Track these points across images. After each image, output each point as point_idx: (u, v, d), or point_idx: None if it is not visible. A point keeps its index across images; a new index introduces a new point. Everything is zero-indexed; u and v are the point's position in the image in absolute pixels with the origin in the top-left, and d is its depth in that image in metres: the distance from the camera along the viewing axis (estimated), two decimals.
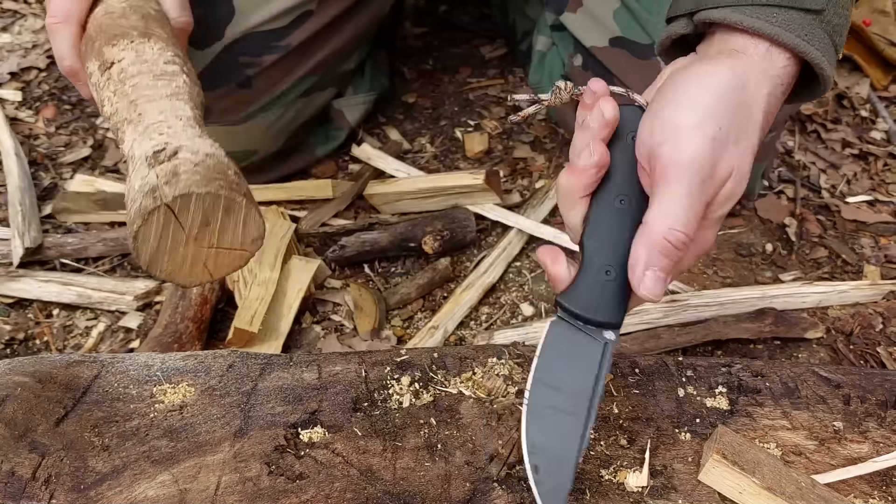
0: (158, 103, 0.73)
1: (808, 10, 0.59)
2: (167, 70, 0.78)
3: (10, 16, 1.68)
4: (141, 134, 0.70)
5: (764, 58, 0.60)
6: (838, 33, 0.61)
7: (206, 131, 0.72)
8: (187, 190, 0.62)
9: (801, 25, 0.59)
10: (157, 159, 0.65)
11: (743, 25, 0.59)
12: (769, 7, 0.59)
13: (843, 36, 0.62)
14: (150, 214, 0.62)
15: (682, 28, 0.65)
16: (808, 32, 0.59)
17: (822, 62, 0.60)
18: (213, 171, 0.65)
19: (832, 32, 0.61)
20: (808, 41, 0.59)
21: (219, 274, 0.70)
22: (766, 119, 0.61)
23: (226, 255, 0.68)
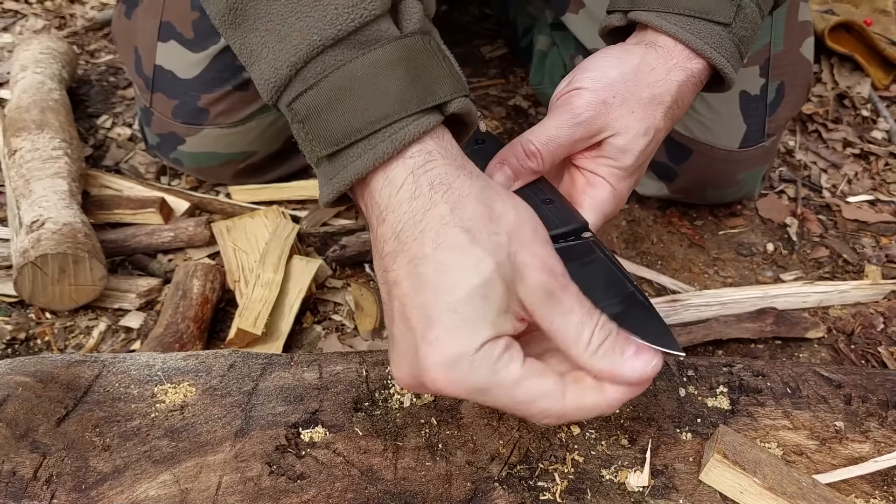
0: (43, 182, 1.06)
1: (718, 23, 0.71)
2: (53, 155, 1.12)
3: (11, 16, 1.69)
4: (28, 207, 1.01)
5: (684, 56, 0.71)
6: (744, 43, 0.73)
7: (78, 206, 1.05)
8: (44, 252, 0.94)
9: (711, 34, 0.70)
10: (31, 228, 0.98)
11: (663, 30, 0.71)
12: (688, 17, 0.71)
13: (749, 45, 0.74)
14: (22, 268, 0.95)
15: (618, 21, 0.76)
16: (716, 41, 0.71)
17: (725, 66, 0.71)
18: (65, 237, 0.96)
19: (738, 42, 0.72)
20: (715, 48, 0.71)
21: (82, 301, 1.01)
22: (675, 101, 0.72)
23: (83, 289, 1.00)
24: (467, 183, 0.55)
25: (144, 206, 1.13)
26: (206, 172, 1.21)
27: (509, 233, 0.54)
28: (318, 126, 0.57)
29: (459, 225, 0.53)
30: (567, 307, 0.54)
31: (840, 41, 1.62)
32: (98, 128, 1.37)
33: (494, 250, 0.53)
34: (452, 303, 0.52)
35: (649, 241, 1.19)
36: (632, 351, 0.54)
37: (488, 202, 0.55)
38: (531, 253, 0.54)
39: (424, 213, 0.54)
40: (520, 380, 0.53)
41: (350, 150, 0.56)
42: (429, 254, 0.53)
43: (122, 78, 1.51)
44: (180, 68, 1.09)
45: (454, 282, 0.52)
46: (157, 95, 1.12)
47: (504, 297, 0.53)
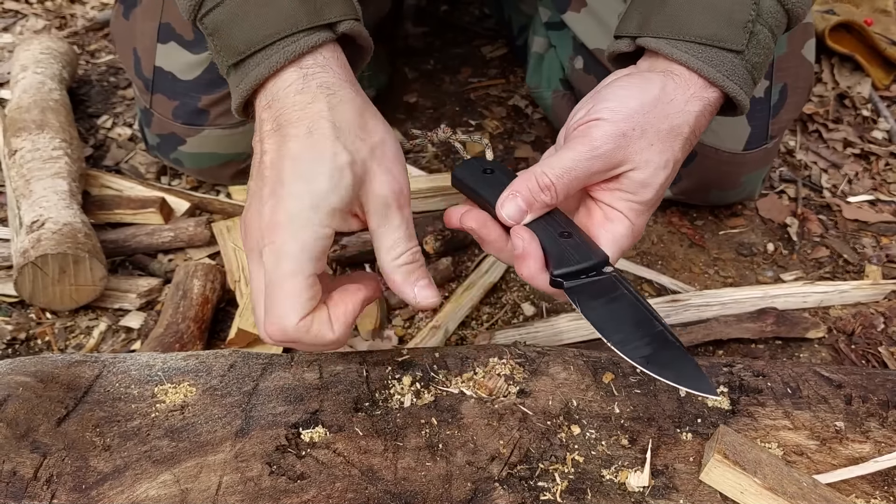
0: (43, 182, 1.06)
1: (730, 50, 0.69)
2: (53, 155, 1.12)
3: (11, 16, 1.69)
4: (29, 207, 1.02)
5: (700, 85, 0.69)
6: (757, 69, 0.71)
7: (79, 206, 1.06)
8: (44, 252, 0.94)
9: (724, 63, 0.69)
10: (31, 228, 0.98)
11: (674, 58, 0.69)
12: (699, 45, 0.69)
13: (762, 70, 0.73)
14: (23, 268, 0.95)
15: (626, 47, 0.74)
16: (729, 69, 0.69)
17: (738, 94, 0.70)
18: (65, 237, 0.97)
19: (751, 69, 0.71)
20: (729, 76, 0.69)
21: (82, 301, 1.01)
22: (693, 132, 0.70)
23: (83, 289, 1.00)
24: (350, 94, 0.65)
25: (145, 206, 1.13)
26: (206, 173, 1.21)
27: (373, 144, 0.65)
28: (224, 38, 0.67)
29: (332, 121, 0.63)
30: (395, 223, 0.65)
31: (840, 41, 1.61)
32: (98, 128, 1.37)
33: (354, 150, 0.63)
34: (305, 174, 0.62)
35: (649, 241, 1.20)
36: (424, 283, 0.66)
37: (364, 115, 0.65)
38: (386, 168, 0.64)
39: (305, 105, 0.63)
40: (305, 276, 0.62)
41: (250, 59, 0.66)
42: (301, 135, 0.62)
43: (123, 78, 1.51)
44: (180, 69, 1.09)
45: (312, 159, 0.62)
46: (157, 96, 1.12)
47: (349, 189, 0.62)
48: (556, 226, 0.68)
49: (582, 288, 0.65)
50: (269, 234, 0.62)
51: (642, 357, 0.61)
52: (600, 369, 0.74)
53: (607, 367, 0.74)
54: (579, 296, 0.65)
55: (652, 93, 0.68)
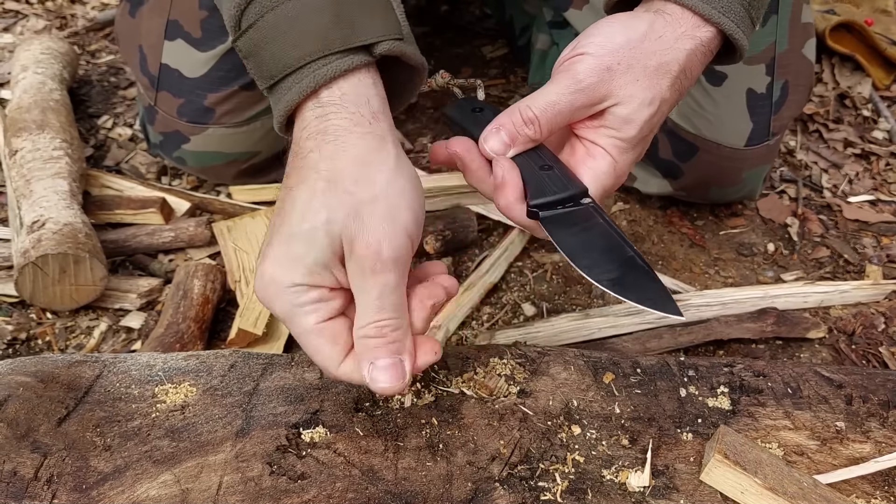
0: (44, 182, 1.07)
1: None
2: (54, 155, 1.12)
3: (12, 16, 1.69)
4: (29, 207, 1.02)
5: (693, 24, 0.67)
6: (755, 8, 0.69)
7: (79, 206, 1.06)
8: (44, 252, 0.94)
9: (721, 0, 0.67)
10: (32, 228, 0.99)
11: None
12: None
13: (761, 11, 0.71)
14: (23, 268, 0.95)
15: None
16: (724, 5, 0.67)
17: (735, 32, 0.67)
18: (66, 237, 0.97)
19: (749, 7, 0.68)
20: (724, 13, 0.67)
21: (83, 301, 1.01)
22: (683, 72, 0.68)
23: (84, 289, 1.00)
24: (355, 140, 0.60)
25: (145, 206, 1.13)
26: (209, 172, 1.21)
27: (363, 199, 0.58)
28: (258, 62, 0.64)
29: (323, 174, 0.59)
30: (366, 289, 0.59)
31: (841, 41, 1.61)
32: (99, 128, 1.37)
33: (337, 207, 0.58)
34: (285, 234, 0.59)
35: (650, 241, 1.19)
36: (384, 363, 0.60)
37: (365, 166, 0.59)
38: (369, 227, 0.58)
39: (308, 153, 0.60)
40: (308, 332, 0.60)
41: (283, 83, 0.62)
42: (293, 187, 0.60)
43: (123, 78, 1.51)
44: (187, 67, 1.09)
45: (295, 217, 0.59)
46: (161, 94, 1.12)
47: (326, 250, 0.58)
48: (538, 159, 0.67)
49: (557, 218, 0.64)
50: (259, 292, 0.61)
51: (608, 280, 0.61)
52: (601, 369, 0.74)
53: (608, 368, 0.74)
54: (553, 225, 0.64)
55: (639, 29, 0.67)
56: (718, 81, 1.05)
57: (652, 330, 1.02)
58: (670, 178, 1.16)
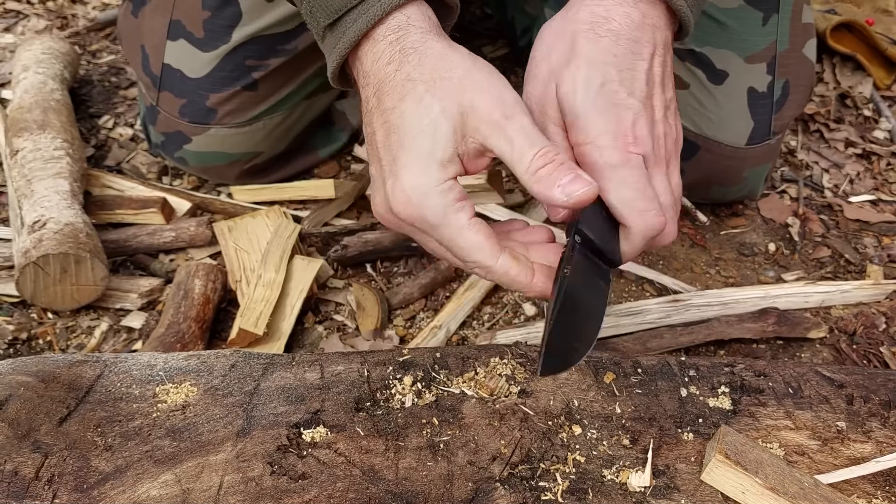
0: (45, 182, 1.06)
1: None
2: (55, 155, 1.12)
3: (13, 16, 1.69)
4: (30, 207, 1.02)
5: None
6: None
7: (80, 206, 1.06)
8: (45, 252, 0.94)
9: None
10: (33, 228, 0.98)
11: None
12: None
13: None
14: (24, 268, 0.95)
15: None
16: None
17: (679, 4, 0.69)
18: (67, 237, 0.97)
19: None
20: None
21: (84, 301, 1.01)
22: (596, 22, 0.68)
23: (85, 289, 1.00)
24: (432, 44, 0.65)
25: (146, 206, 1.13)
26: (210, 172, 1.21)
27: (460, 77, 0.63)
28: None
29: (420, 78, 0.63)
30: (509, 135, 0.62)
31: (842, 41, 1.61)
32: (100, 128, 1.37)
33: (442, 96, 0.62)
34: (406, 141, 0.63)
35: None
36: (568, 178, 0.61)
37: (447, 57, 0.64)
38: (481, 89, 0.63)
39: (395, 72, 0.64)
40: (466, 228, 0.63)
41: (347, 17, 0.66)
42: (395, 105, 0.64)
43: (124, 78, 1.51)
44: (189, 67, 1.09)
45: (410, 124, 0.63)
46: (163, 94, 1.12)
47: (450, 135, 0.62)
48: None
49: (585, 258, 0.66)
50: (403, 211, 0.64)
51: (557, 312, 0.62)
52: (601, 369, 0.74)
53: (608, 367, 0.74)
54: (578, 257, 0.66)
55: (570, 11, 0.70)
56: (720, 80, 1.05)
57: (653, 330, 1.02)
58: None
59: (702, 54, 1.05)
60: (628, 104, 0.66)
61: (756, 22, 1.04)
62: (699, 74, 1.06)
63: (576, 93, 0.66)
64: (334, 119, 1.30)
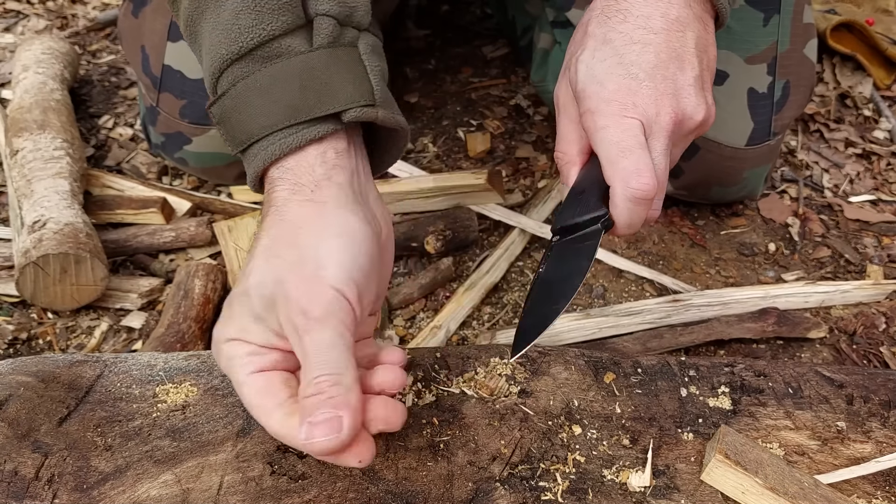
0: (45, 182, 1.07)
1: None
2: (55, 155, 1.12)
3: (13, 16, 1.69)
4: (30, 207, 1.02)
5: None
6: None
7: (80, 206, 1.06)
8: (45, 252, 0.94)
9: None
10: (33, 228, 0.98)
11: None
12: None
13: None
14: (24, 268, 0.95)
15: None
16: None
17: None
18: (67, 237, 0.97)
19: None
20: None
21: (84, 301, 1.01)
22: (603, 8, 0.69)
23: (85, 289, 1.00)
24: (293, 208, 0.62)
25: (146, 206, 1.13)
26: (210, 173, 1.21)
27: (290, 262, 0.59)
28: (229, 128, 0.66)
29: (263, 241, 0.61)
30: (304, 350, 0.56)
31: (842, 41, 1.61)
32: (100, 128, 1.37)
33: (266, 271, 0.59)
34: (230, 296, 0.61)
35: (650, 241, 1.19)
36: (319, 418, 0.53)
37: (297, 231, 0.60)
38: (292, 290, 0.57)
39: (263, 221, 0.63)
40: (241, 384, 0.58)
41: (250, 150, 0.65)
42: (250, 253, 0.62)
43: (124, 78, 1.51)
44: (189, 68, 1.09)
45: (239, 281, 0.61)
46: (164, 95, 1.12)
47: (256, 308, 0.59)
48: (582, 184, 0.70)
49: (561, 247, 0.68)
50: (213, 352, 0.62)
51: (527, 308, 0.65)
52: (601, 369, 0.74)
53: (608, 367, 0.74)
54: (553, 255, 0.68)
55: None
56: (720, 81, 1.05)
57: (652, 330, 1.02)
58: (671, 177, 1.16)
59: None
60: (630, 73, 0.64)
61: (757, 22, 1.04)
62: None
63: (578, 71, 0.67)
64: None
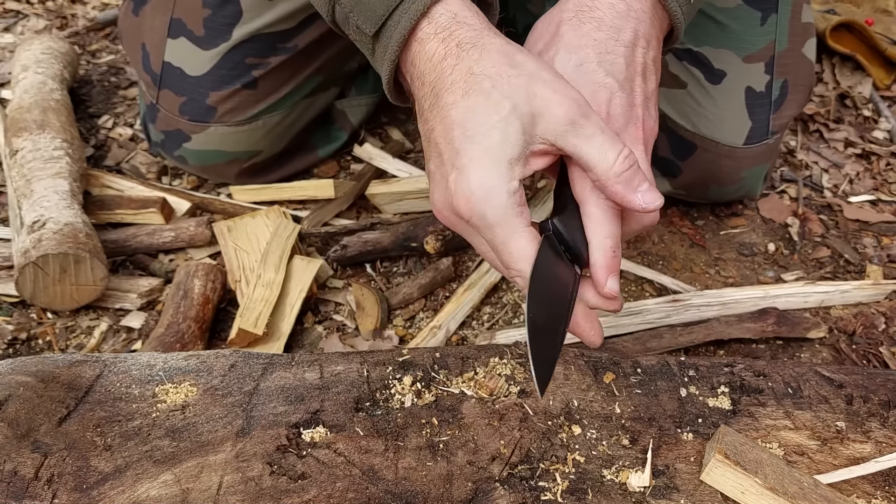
0: (44, 182, 1.06)
1: None
2: (54, 155, 1.12)
3: (12, 16, 1.69)
4: (30, 207, 1.02)
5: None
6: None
7: (80, 206, 1.06)
8: (45, 252, 0.94)
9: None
10: (33, 228, 0.98)
11: None
12: None
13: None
14: (24, 268, 0.95)
15: None
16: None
17: None
18: (66, 237, 0.97)
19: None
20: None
21: (84, 301, 1.01)
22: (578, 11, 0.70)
23: (84, 289, 0.99)
24: (490, 40, 0.63)
25: (146, 206, 1.13)
26: (209, 171, 1.21)
27: (529, 76, 0.61)
28: (362, 9, 0.66)
29: (484, 73, 0.61)
30: (589, 134, 0.60)
31: (841, 41, 1.61)
32: (99, 128, 1.37)
33: (512, 93, 0.60)
34: (475, 136, 0.60)
35: (650, 241, 1.19)
36: (645, 186, 0.61)
37: (509, 54, 0.62)
38: (552, 89, 0.61)
39: (453, 68, 0.62)
40: (521, 234, 0.61)
41: (390, 21, 0.65)
42: (458, 100, 0.61)
43: (124, 78, 1.51)
44: (189, 65, 1.09)
45: (478, 120, 0.60)
46: (164, 92, 1.12)
47: (520, 134, 0.60)
48: None
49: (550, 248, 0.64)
50: (464, 206, 0.62)
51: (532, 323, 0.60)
52: (601, 369, 0.74)
53: (608, 368, 0.74)
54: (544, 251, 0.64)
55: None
56: (717, 80, 1.05)
57: (652, 330, 1.02)
58: (669, 176, 1.16)
59: (699, 54, 1.05)
60: (605, 83, 0.66)
61: (754, 21, 1.04)
62: (697, 74, 1.06)
63: None
64: (334, 118, 1.30)
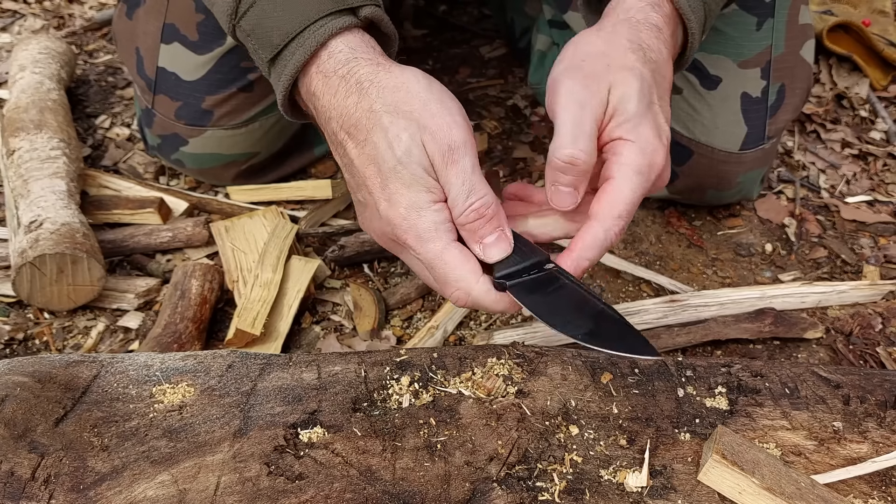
0: (41, 182, 1.07)
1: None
2: (51, 155, 1.12)
3: (9, 16, 1.69)
4: (27, 207, 1.02)
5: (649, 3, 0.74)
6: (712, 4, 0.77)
7: (77, 206, 1.06)
8: (42, 252, 0.94)
9: None
10: (30, 228, 0.98)
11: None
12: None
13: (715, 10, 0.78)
14: (20, 268, 0.95)
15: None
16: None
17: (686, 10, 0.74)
18: (63, 237, 0.97)
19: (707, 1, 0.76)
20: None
21: (81, 301, 1.01)
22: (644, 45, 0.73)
23: (81, 289, 0.99)
24: (385, 75, 0.69)
25: (143, 206, 1.13)
26: (207, 174, 1.21)
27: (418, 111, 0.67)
28: (260, 35, 0.72)
29: (382, 110, 0.67)
30: (452, 180, 0.67)
31: (838, 42, 1.62)
32: (96, 128, 1.37)
33: (407, 126, 0.67)
34: (389, 169, 0.67)
35: (648, 241, 1.20)
36: (492, 238, 0.68)
37: (402, 89, 0.68)
38: (434, 128, 0.66)
39: (356, 106, 0.68)
40: (449, 248, 0.68)
41: (286, 50, 0.71)
42: (366, 137, 0.68)
43: (121, 78, 1.51)
44: (184, 70, 1.09)
45: (385, 155, 0.67)
46: (159, 97, 1.12)
47: (424, 160, 0.67)
48: None
49: (524, 285, 0.69)
50: (399, 228, 0.68)
51: (583, 333, 0.65)
52: (598, 369, 0.74)
53: (605, 368, 0.74)
54: (522, 292, 0.68)
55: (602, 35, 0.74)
56: (713, 85, 1.05)
57: (649, 330, 1.02)
58: None
59: (695, 59, 1.05)
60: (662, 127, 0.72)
61: (750, 27, 1.04)
62: (692, 80, 1.06)
63: (630, 100, 0.70)
64: None
